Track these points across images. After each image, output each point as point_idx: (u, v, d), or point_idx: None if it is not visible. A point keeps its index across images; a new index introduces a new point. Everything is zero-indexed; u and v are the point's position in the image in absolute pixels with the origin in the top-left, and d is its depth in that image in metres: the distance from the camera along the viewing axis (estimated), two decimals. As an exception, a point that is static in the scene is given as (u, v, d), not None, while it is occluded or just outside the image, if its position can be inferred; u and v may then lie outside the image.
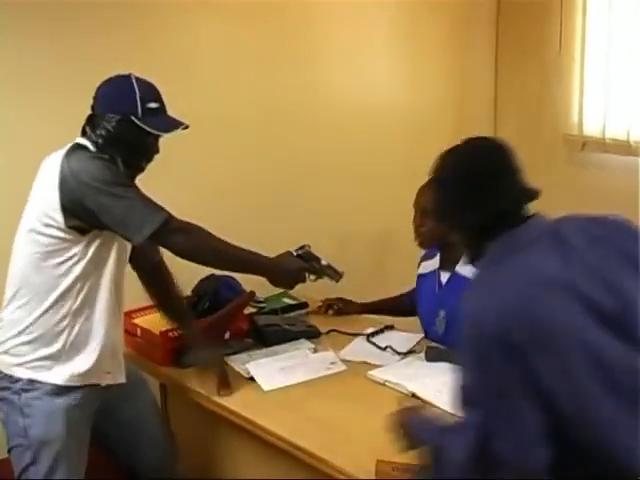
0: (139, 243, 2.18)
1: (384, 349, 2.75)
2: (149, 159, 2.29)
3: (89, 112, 2.27)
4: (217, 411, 2.47)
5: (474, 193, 1.68)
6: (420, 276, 3.03)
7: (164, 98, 2.31)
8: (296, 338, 2.84)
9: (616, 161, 3.88)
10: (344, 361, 2.66)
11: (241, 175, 3.39)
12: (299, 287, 2.56)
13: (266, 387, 2.50)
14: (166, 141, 2.34)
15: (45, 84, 2.91)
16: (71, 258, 2.21)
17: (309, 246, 2.54)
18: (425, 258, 3.01)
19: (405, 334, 2.90)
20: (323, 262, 2.55)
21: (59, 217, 2.15)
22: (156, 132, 2.23)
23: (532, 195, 1.71)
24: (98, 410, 2.38)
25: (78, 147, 2.22)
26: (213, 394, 2.48)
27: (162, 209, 2.18)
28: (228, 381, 2.50)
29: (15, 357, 2.26)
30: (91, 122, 2.25)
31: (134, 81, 2.23)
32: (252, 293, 2.87)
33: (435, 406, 2.30)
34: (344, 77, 3.77)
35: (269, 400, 2.44)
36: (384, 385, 2.48)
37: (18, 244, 2.30)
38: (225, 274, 2.87)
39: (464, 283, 2.12)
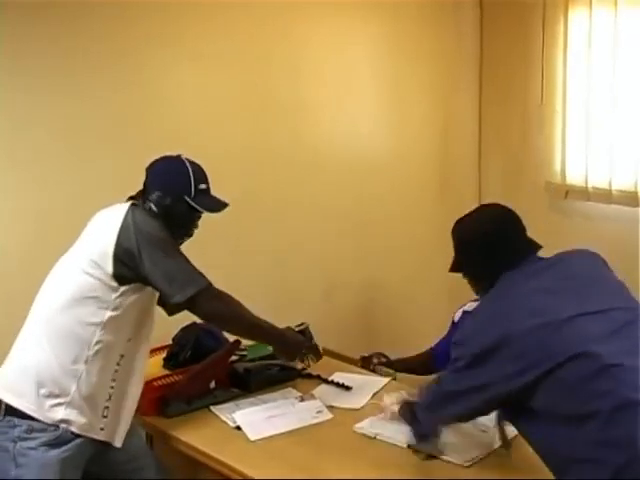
0: (177, 303, 2.30)
1: (348, 388, 2.83)
2: (190, 234, 2.51)
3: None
4: (203, 461, 2.45)
5: (490, 251, 2.09)
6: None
7: (150, 147, 2.47)
8: (276, 380, 2.88)
9: (598, 209, 3.93)
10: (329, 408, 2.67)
11: (227, 222, 3.39)
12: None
13: (252, 436, 2.49)
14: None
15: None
16: (100, 306, 2.28)
17: (308, 324, 2.78)
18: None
19: (372, 377, 2.98)
20: (314, 342, 2.78)
21: (108, 262, 2.26)
22: (205, 211, 2.47)
23: (535, 248, 2.12)
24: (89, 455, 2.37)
25: (138, 207, 2.38)
26: (200, 443, 2.47)
27: (204, 276, 2.35)
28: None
29: (21, 396, 2.25)
30: (144, 196, 2.45)
31: (187, 163, 2.46)
32: (237, 342, 2.87)
33: (438, 458, 2.31)
34: (330, 125, 3.80)
35: (255, 449, 2.43)
36: (374, 439, 2.47)
37: (50, 287, 2.38)
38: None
39: None
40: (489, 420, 2.35)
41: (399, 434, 2.42)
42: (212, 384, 2.78)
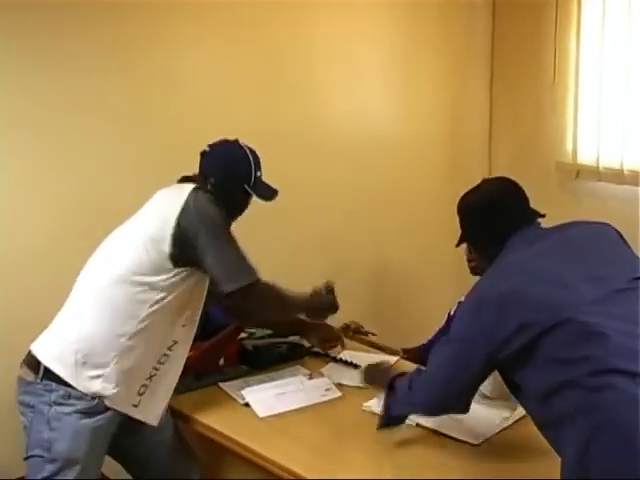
0: (227, 292, 2.29)
1: (357, 366, 2.81)
2: (236, 218, 2.52)
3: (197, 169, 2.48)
4: (212, 437, 2.47)
5: (492, 218, 2.12)
6: None
7: (158, 128, 2.39)
8: (284, 358, 2.89)
9: (610, 189, 3.91)
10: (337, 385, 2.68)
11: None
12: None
13: (261, 413, 2.50)
14: (163, 173, 2.52)
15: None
16: (151, 285, 2.29)
17: (334, 283, 2.73)
18: None
19: (380, 355, 2.97)
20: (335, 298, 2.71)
21: (166, 242, 2.27)
22: (264, 200, 2.50)
23: (537, 217, 2.13)
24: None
25: (200, 190, 2.37)
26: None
27: (255, 269, 2.34)
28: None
29: (62, 363, 2.28)
30: (201, 178, 2.44)
31: (247, 150, 2.49)
32: (247, 319, 2.89)
33: (443, 434, 2.32)
34: (340, 107, 3.80)
35: (264, 426, 2.45)
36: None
37: (102, 261, 2.39)
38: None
39: None
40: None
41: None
42: (221, 361, 2.80)
